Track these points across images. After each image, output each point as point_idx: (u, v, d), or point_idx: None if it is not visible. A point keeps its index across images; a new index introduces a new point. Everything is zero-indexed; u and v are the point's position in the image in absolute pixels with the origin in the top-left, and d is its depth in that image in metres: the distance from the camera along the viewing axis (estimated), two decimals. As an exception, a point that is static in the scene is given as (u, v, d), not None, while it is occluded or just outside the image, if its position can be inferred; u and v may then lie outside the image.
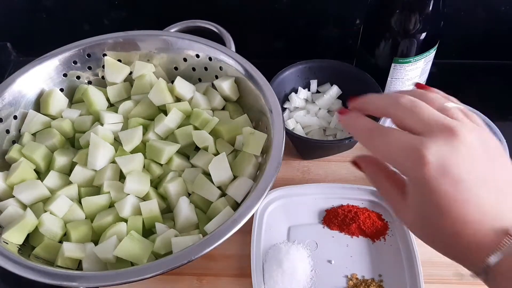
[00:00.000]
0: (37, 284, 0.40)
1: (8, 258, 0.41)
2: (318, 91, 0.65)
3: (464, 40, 0.73)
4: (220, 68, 0.56)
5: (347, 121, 0.35)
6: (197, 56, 0.57)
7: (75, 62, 0.57)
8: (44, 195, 0.48)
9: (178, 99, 0.56)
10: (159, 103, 0.55)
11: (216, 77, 0.58)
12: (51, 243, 0.46)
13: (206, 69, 0.58)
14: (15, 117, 0.54)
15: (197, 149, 0.53)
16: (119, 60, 0.58)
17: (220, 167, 0.48)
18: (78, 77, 0.58)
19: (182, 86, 0.56)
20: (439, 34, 0.57)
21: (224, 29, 0.60)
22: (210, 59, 0.57)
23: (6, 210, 0.46)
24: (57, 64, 0.56)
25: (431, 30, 0.55)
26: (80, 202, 0.48)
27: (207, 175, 0.49)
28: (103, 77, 0.59)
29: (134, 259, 0.43)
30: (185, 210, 0.47)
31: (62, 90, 0.57)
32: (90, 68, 0.59)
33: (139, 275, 0.39)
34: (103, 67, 0.58)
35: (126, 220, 0.47)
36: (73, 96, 0.58)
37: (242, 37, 0.60)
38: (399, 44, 0.56)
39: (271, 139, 0.48)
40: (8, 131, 0.53)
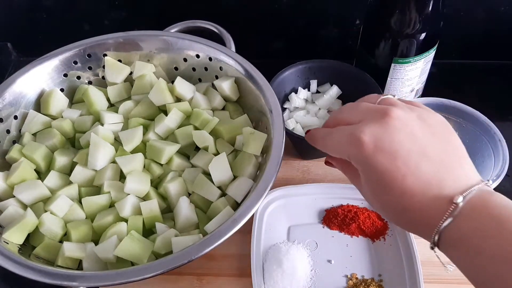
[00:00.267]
0: (38, 284, 0.40)
1: (9, 258, 0.41)
2: (318, 91, 0.65)
3: (464, 40, 0.73)
4: (220, 68, 0.57)
5: (308, 137, 0.41)
6: (197, 56, 0.57)
7: (76, 62, 0.57)
8: (45, 195, 0.48)
9: (178, 99, 0.56)
10: (159, 103, 0.55)
11: (216, 77, 0.58)
12: (52, 243, 0.46)
13: (206, 69, 0.58)
14: (16, 117, 0.54)
15: (197, 149, 0.53)
16: (120, 60, 0.59)
17: (220, 167, 0.48)
18: (79, 77, 0.59)
19: (182, 86, 0.56)
20: (439, 34, 0.57)
21: (224, 29, 0.60)
22: (210, 59, 0.57)
23: (7, 210, 0.46)
24: (58, 64, 0.56)
25: (431, 30, 0.55)
26: (81, 202, 0.48)
27: (207, 175, 0.49)
28: (104, 77, 0.59)
29: (134, 259, 0.43)
30: (185, 210, 0.47)
31: (63, 90, 0.58)
32: (91, 68, 0.59)
33: (139, 275, 0.39)
34: (104, 67, 0.58)
35: (126, 220, 0.47)
36: (74, 96, 0.58)
37: (242, 37, 0.60)
38: (399, 44, 0.56)
39: (271, 139, 0.48)
40: (9, 131, 0.53)
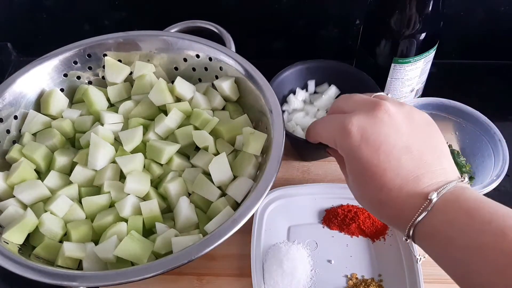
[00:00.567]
0: (38, 284, 0.39)
1: (9, 258, 0.41)
2: (316, 92, 0.65)
3: (464, 40, 0.73)
4: (220, 68, 0.57)
5: (307, 133, 0.44)
6: (197, 56, 0.57)
7: (76, 62, 0.57)
8: (45, 195, 0.48)
9: (178, 99, 0.56)
10: (159, 103, 0.55)
11: (216, 77, 0.58)
12: (52, 243, 0.46)
13: (206, 69, 0.58)
14: (16, 117, 0.54)
15: (197, 149, 0.53)
16: (120, 60, 0.59)
17: (220, 167, 0.48)
18: (79, 77, 0.59)
19: (182, 86, 0.56)
20: (439, 34, 0.57)
21: (224, 29, 0.60)
22: (210, 59, 0.57)
23: (7, 210, 0.46)
24: (58, 64, 0.56)
25: (431, 30, 0.55)
26: (81, 202, 0.48)
27: (207, 175, 0.49)
28: (104, 77, 0.59)
29: (134, 259, 0.43)
30: (185, 210, 0.47)
31: (63, 90, 0.58)
32: (91, 68, 0.59)
33: (139, 275, 0.39)
34: (104, 67, 0.58)
35: (127, 220, 0.47)
36: (74, 96, 0.58)
37: (242, 37, 0.60)
38: (399, 44, 0.56)
39: (271, 139, 0.48)
40: (9, 131, 0.53)
